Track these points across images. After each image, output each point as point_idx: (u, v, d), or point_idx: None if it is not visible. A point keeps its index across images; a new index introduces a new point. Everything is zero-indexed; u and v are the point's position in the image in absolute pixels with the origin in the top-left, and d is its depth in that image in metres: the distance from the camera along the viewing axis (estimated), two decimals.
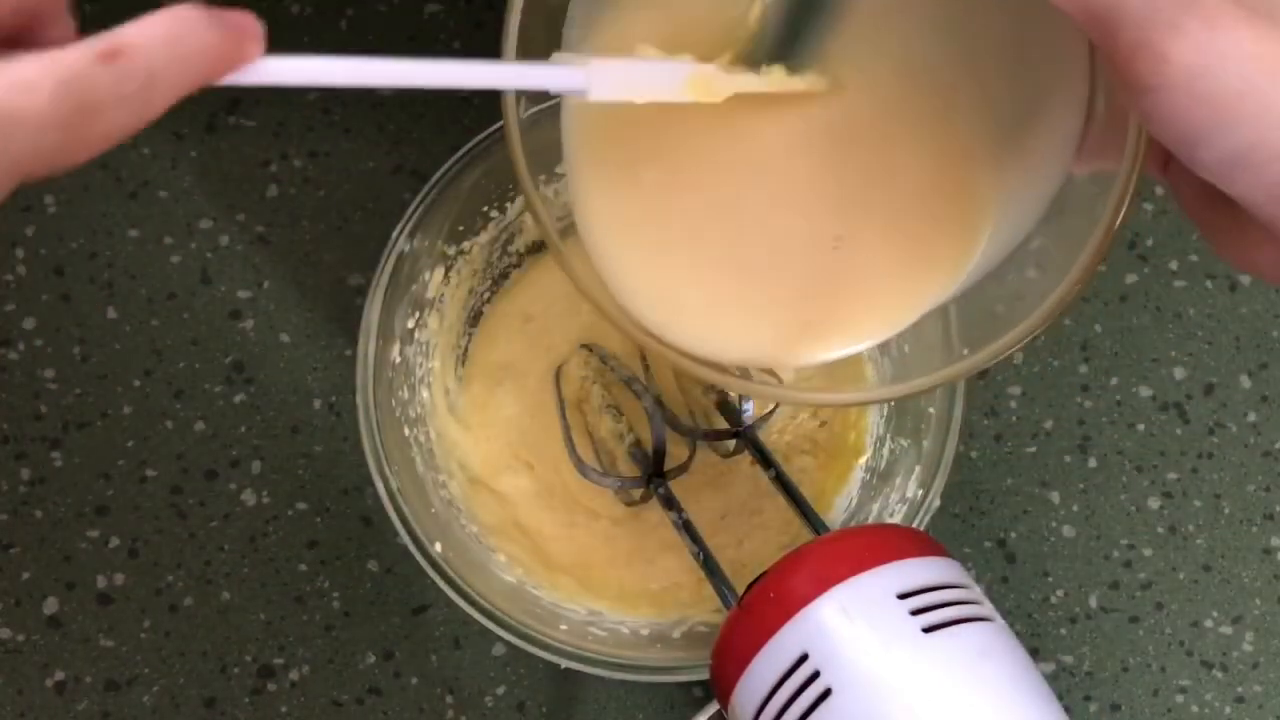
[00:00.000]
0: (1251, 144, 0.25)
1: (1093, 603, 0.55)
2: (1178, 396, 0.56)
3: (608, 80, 0.30)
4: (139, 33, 0.25)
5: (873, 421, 0.52)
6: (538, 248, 0.54)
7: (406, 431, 0.48)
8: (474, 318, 0.54)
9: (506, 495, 0.52)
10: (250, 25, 0.27)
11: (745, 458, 0.52)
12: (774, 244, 0.34)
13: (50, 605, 0.53)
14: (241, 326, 0.56)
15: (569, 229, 0.34)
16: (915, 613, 0.36)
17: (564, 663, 0.44)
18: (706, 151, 0.34)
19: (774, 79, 0.33)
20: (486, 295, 0.54)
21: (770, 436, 0.53)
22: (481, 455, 0.52)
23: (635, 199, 0.34)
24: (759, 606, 0.38)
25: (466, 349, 0.54)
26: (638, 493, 0.51)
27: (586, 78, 0.30)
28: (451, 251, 0.50)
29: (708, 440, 0.51)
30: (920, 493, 0.47)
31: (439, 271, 0.50)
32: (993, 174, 0.34)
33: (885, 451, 0.51)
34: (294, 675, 0.53)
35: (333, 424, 0.55)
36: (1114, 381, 0.57)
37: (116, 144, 0.24)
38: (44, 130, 0.23)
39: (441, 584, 0.44)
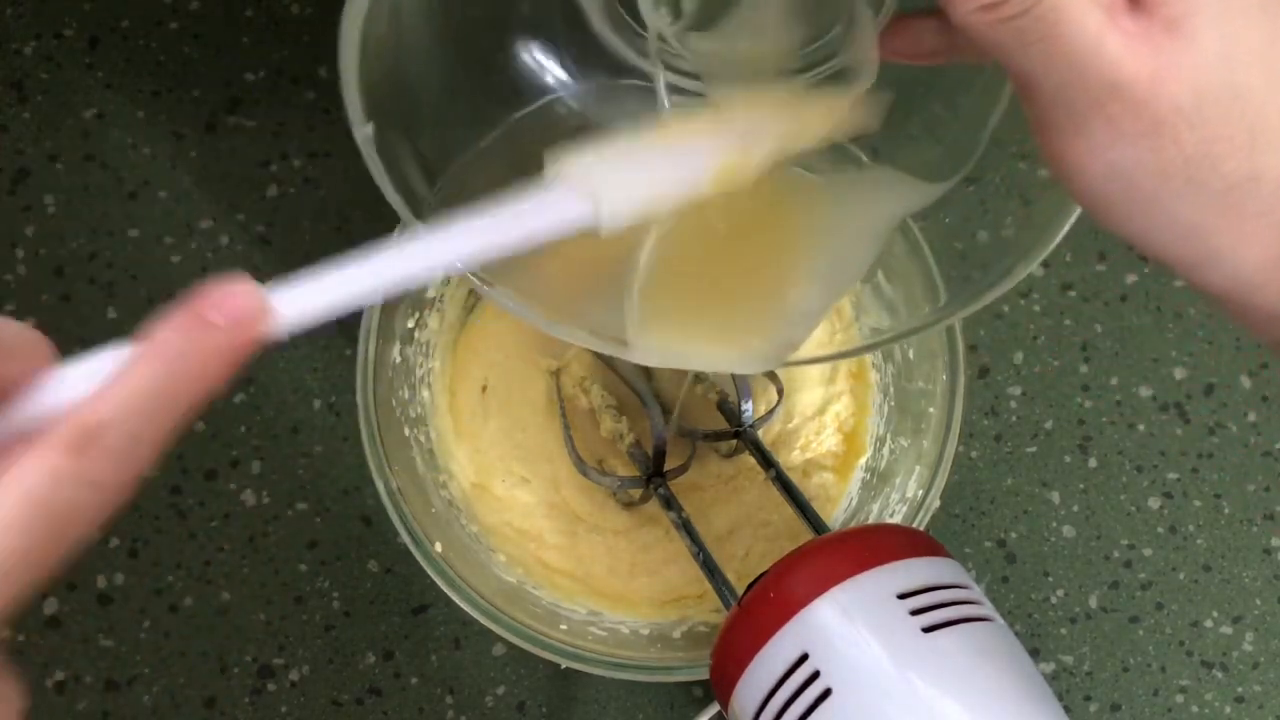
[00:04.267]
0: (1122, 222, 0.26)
1: (1093, 603, 0.55)
2: (1178, 396, 0.56)
3: (621, 197, 0.24)
4: (114, 400, 0.21)
5: (873, 421, 0.52)
6: None
7: (406, 431, 0.48)
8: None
9: (506, 501, 0.52)
10: (247, 303, 0.23)
11: (754, 476, 0.52)
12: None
13: (50, 605, 0.53)
14: None
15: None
16: (915, 613, 0.36)
17: (564, 663, 0.44)
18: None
19: (810, 118, 0.28)
20: None
21: (790, 454, 0.52)
22: (475, 467, 0.52)
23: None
24: (759, 606, 0.38)
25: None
26: (637, 493, 0.51)
27: (594, 204, 0.24)
28: None
29: (707, 440, 0.51)
30: (920, 493, 0.47)
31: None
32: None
33: (885, 451, 0.51)
34: (294, 675, 0.53)
35: (333, 424, 0.55)
36: (1114, 381, 0.57)
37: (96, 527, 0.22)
38: (9, 578, 0.20)
39: (441, 584, 0.44)
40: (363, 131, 0.31)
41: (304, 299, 0.24)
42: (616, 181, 0.25)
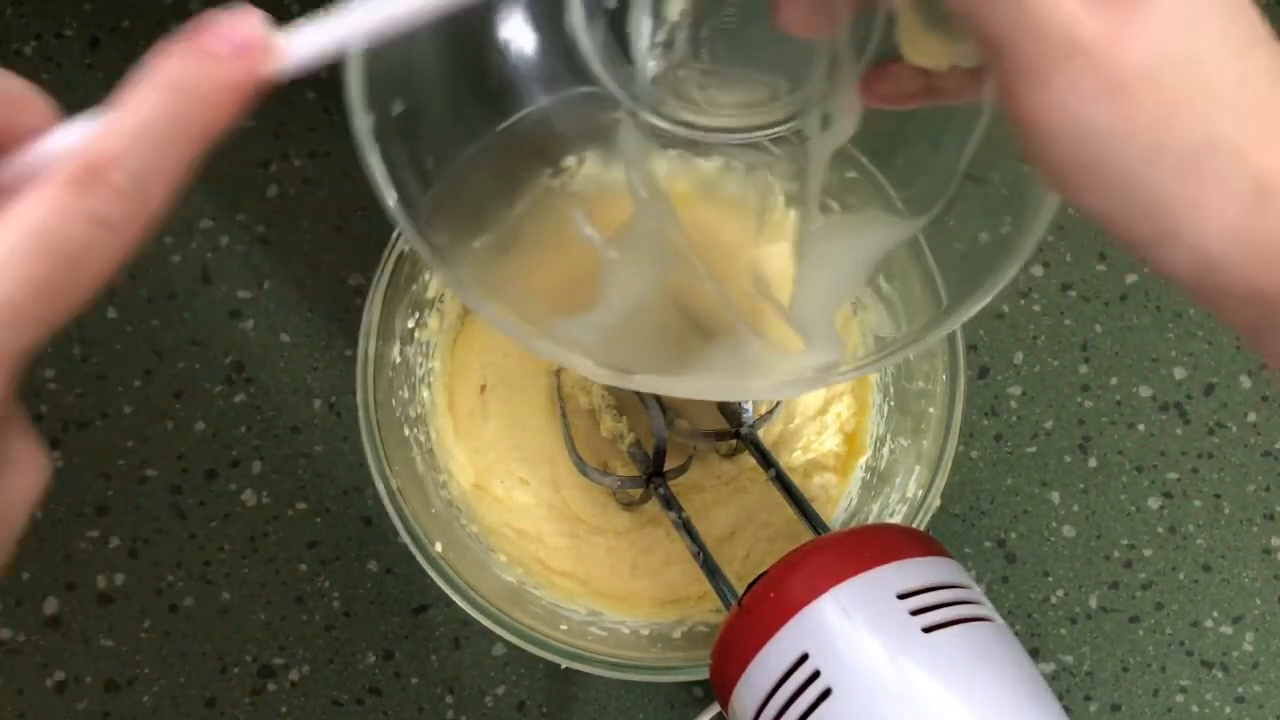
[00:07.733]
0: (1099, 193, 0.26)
1: (1093, 603, 0.55)
2: (1178, 396, 0.56)
3: None
4: (119, 135, 0.21)
5: (873, 421, 0.52)
6: None
7: (406, 431, 0.48)
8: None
9: (506, 502, 0.52)
10: (250, 34, 0.22)
11: (754, 477, 0.52)
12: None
13: (50, 605, 0.53)
14: (241, 326, 0.56)
15: None
16: (915, 613, 0.36)
17: (564, 663, 0.44)
18: None
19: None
20: None
21: (792, 455, 0.52)
22: (475, 467, 0.52)
23: None
24: (759, 606, 0.38)
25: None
26: (637, 493, 0.51)
27: None
28: None
29: (708, 440, 0.51)
30: (920, 493, 0.47)
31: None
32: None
33: (885, 451, 0.51)
34: (294, 675, 0.53)
35: (333, 424, 0.55)
36: (1114, 381, 0.57)
37: (119, 266, 0.21)
38: (22, 315, 0.20)
39: (441, 584, 0.44)
40: (364, 121, 0.31)
41: (305, 36, 0.24)
42: None
